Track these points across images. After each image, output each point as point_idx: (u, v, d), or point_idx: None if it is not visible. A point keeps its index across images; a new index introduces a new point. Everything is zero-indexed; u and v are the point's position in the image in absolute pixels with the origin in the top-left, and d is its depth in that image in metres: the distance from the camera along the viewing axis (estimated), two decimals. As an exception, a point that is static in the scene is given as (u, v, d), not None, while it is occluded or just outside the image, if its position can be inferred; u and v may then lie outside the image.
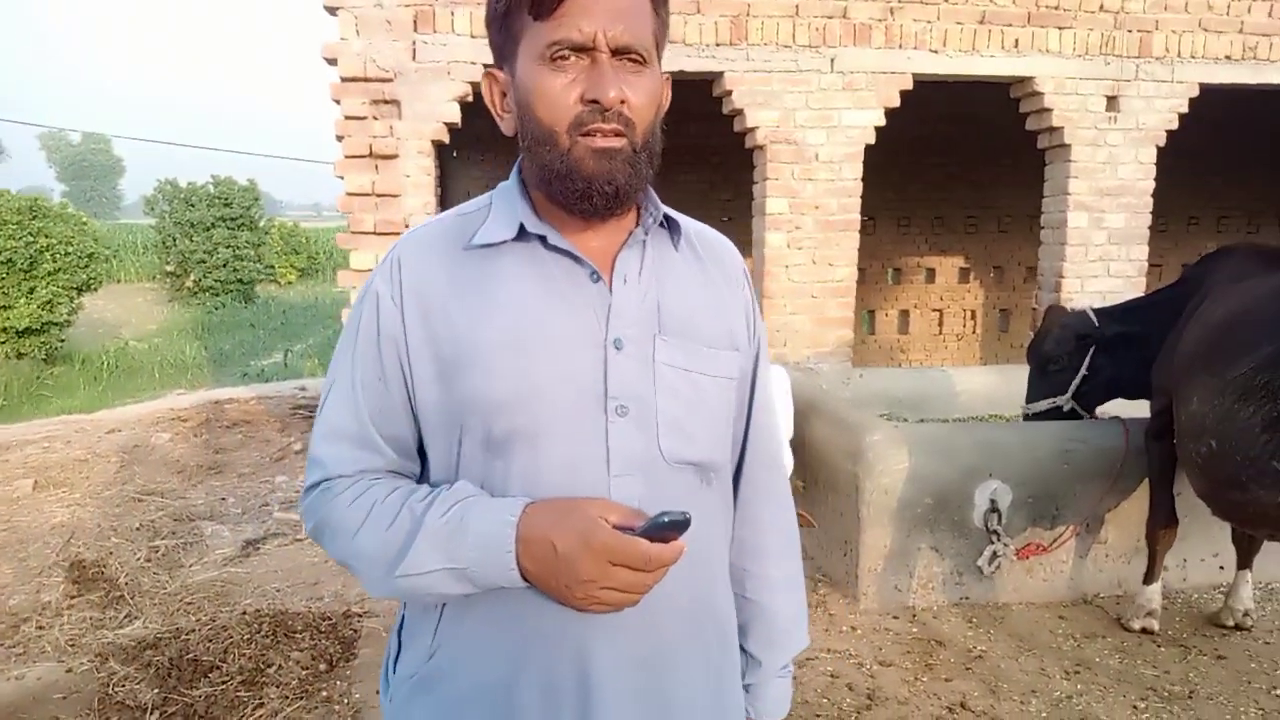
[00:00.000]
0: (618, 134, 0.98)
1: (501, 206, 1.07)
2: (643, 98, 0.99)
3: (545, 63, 0.97)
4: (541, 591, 0.96)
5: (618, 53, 0.97)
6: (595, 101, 0.96)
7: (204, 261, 19.11)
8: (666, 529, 0.91)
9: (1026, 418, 4.08)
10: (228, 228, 19.26)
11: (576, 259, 1.04)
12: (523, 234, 1.03)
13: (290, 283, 23.43)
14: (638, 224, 1.09)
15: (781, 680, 1.27)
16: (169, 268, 19.98)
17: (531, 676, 1.01)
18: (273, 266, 22.01)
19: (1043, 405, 3.96)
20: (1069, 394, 3.87)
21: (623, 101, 0.97)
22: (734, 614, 1.19)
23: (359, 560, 1.02)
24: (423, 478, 1.10)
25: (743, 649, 1.22)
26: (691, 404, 1.07)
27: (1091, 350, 3.79)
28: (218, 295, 19.22)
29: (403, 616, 1.13)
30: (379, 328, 1.04)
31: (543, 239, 1.03)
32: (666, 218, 1.11)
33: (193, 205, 19.08)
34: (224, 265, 19.14)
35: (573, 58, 0.97)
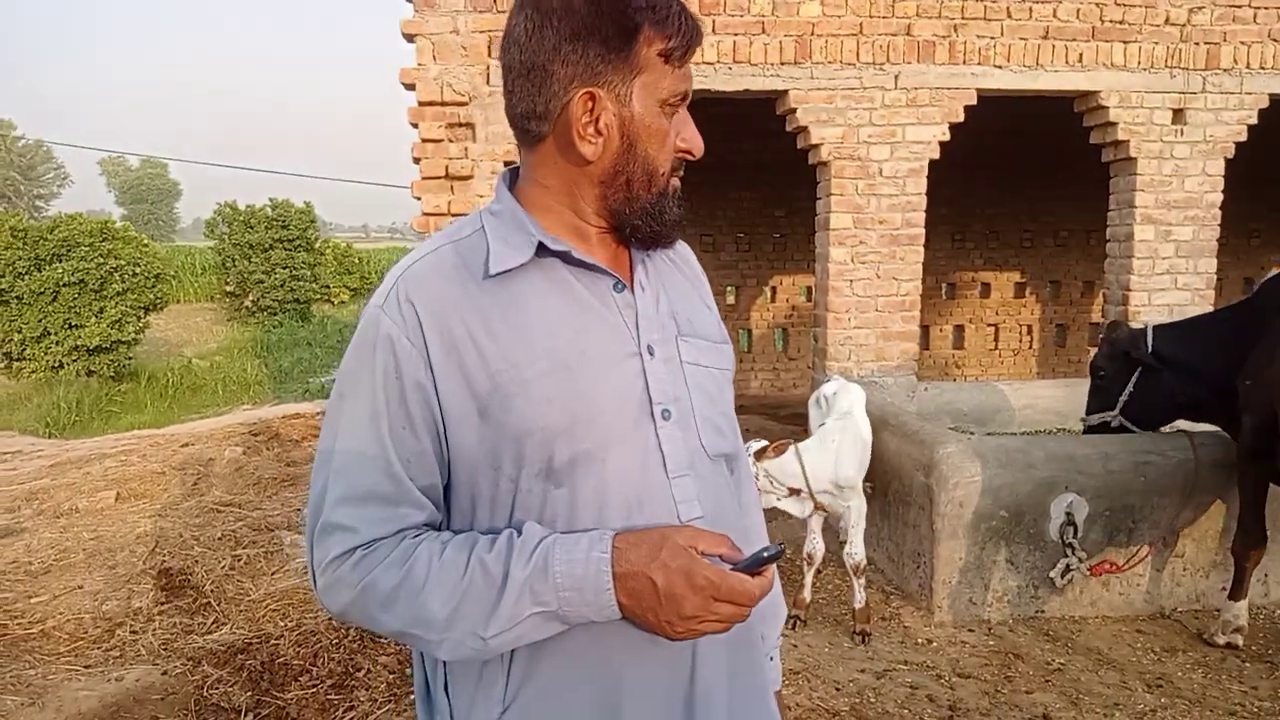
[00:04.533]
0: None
1: (504, 229, 1.04)
2: None
3: (662, 107, 1.02)
4: (635, 624, 0.95)
5: None
6: (689, 153, 1.06)
7: (262, 282, 19.58)
8: (765, 563, 0.93)
9: (1085, 430, 4.09)
10: (285, 249, 19.72)
11: (601, 271, 1.05)
12: (537, 253, 1.02)
13: (344, 302, 23.88)
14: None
15: (777, 651, 1.32)
16: (228, 288, 20.50)
17: (639, 693, 1.01)
18: (328, 286, 22.47)
19: (1094, 420, 3.98)
20: (1116, 410, 3.86)
21: None
22: None
23: (424, 625, 0.95)
24: (447, 525, 1.05)
25: None
26: (714, 399, 1.12)
27: (1138, 370, 3.77)
28: (275, 314, 19.66)
29: (442, 674, 1.06)
30: (400, 373, 0.98)
31: (564, 255, 1.03)
32: None
33: (251, 227, 19.57)
34: (281, 285, 19.58)
35: (680, 107, 1.05)
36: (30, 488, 5.99)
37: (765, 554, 0.93)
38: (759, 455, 3.45)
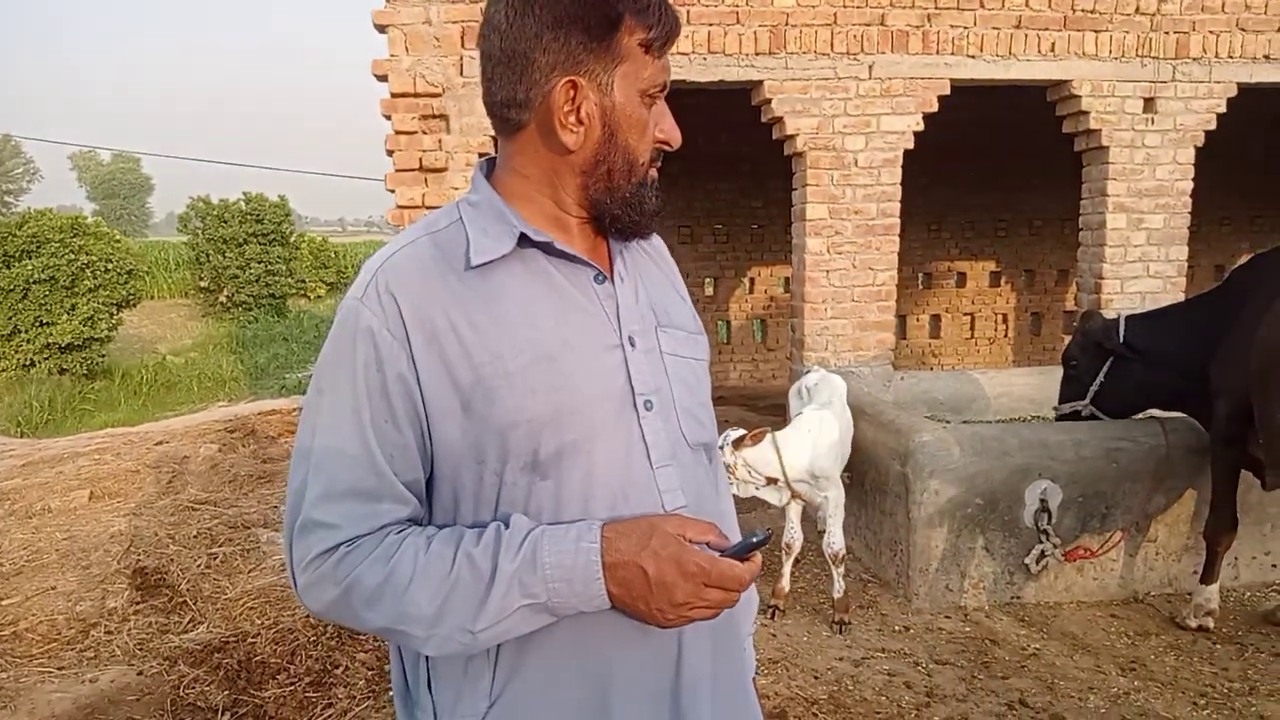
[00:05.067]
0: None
1: (484, 220, 1.03)
2: None
3: (642, 97, 1.02)
4: (625, 613, 0.96)
5: None
6: (667, 143, 1.06)
7: (237, 277, 19.42)
8: (753, 548, 0.95)
9: (1057, 419, 4.13)
10: (260, 243, 19.57)
11: (582, 262, 1.05)
12: (519, 244, 1.02)
13: (320, 296, 23.71)
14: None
15: (749, 640, 1.31)
16: (203, 283, 20.32)
17: (627, 683, 1.01)
18: (304, 281, 22.34)
19: (1065, 409, 4.02)
20: (1087, 399, 3.89)
21: None
22: None
23: (411, 621, 0.94)
24: (429, 521, 1.04)
25: None
26: (693, 389, 1.12)
27: (1110, 359, 3.79)
28: (251, 310, 19.51)
29: (425, 671, 1.04)
30: (381, 365, 0.96)
31: (545, 246, 1.02)
32: None
33: (226, 222, 19.41)
34: (256, 280, 19.44)
35: (658, 98, 1.05)
36: (1, 488, 5.90)
37: (754, 539, 0.95)
38: (738, 444, 3.45)
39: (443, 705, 1.02)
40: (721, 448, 3.37)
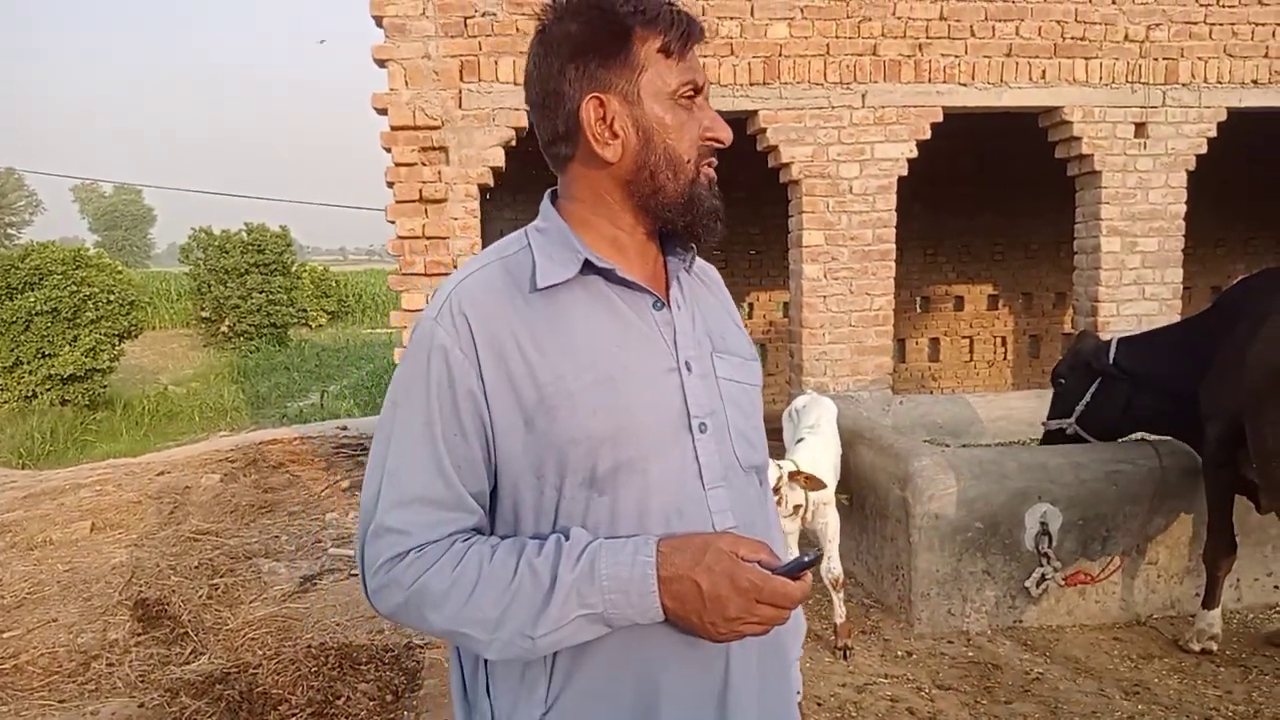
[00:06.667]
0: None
1: (550, 246, 1.08)
2: None
3: (675, 99, 1.06)
4: (677, 626, 0.99)
5: None
6: (717, 140, 1.09)
7: (238, 307, 19.47)
8: (804, 568, 0.98)
9: (1044, 437, 4.16)
10: (261, 273, 19.63)
11: (642, 289, 1.09)
12: (581, 270, 1.06)
13: (321, 325, 23.77)
14: (659, 250, 1.15)
15: (797, 663, 1.33)
16: (204, 313, 20.37)
17: (675, 694, 1.04)
18: (305, 310, 22.37)
19: (1052, 425, 4.06)
20: (1072, 419, 3.92)
21: None
22: None
23: (475, 625, 0.98)
24: (491, 532, 1.08)
25: None
26: (747, 413, 1.16)
27: (1098, 380, 3.81)
28: (252, 339, 19.54)
29: (483, 677, 1.08)
30: (452, 382, 1.02)
31: (607, 273, 1.07)
32: None
33: (227, 252, 19.49)
34: (258, 310, 19.48)
35: (696, 99, 1.08)
36: (2, 520, 5.91)
37: (805, 559, 0.98)
38: (795, 477, 3.42)
39: (500, 710, 1.06)
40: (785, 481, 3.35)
